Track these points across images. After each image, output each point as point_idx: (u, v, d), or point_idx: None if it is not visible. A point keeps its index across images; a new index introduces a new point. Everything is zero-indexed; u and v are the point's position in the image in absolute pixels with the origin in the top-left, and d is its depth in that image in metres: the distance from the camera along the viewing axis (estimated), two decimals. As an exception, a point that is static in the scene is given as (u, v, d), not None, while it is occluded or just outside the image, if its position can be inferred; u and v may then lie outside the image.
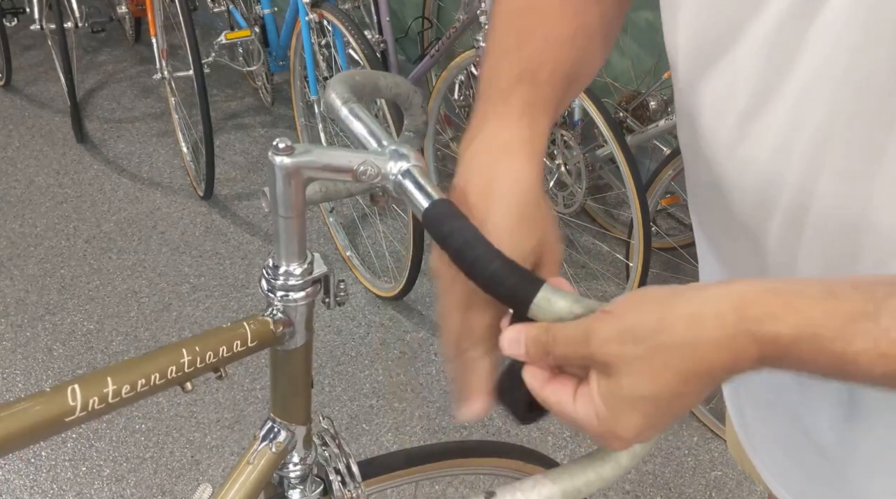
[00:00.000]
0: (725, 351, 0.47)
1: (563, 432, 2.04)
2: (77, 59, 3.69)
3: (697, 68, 0.61)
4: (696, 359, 0.47)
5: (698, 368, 0.47)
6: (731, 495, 1.90)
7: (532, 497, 0.54)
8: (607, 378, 0.49)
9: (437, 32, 2.92)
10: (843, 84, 0.51)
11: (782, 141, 0.56)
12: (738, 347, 0.46)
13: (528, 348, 0.54)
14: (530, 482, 0.55)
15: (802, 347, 0.45)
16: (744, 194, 0.61)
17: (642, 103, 2.36)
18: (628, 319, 0.49)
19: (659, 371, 0.48)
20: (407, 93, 0.75)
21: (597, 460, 0.56)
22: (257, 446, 0.81)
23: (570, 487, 0.55)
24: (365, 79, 0.71)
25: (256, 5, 2.96)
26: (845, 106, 0.52)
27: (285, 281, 0.70)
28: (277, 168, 0.61)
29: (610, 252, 2.53)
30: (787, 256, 0.60)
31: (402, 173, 0.61)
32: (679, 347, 0.47)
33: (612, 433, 0.50)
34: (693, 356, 0.47)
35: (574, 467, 0.56)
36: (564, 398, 0.52)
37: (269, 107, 3.39)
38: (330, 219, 2.62)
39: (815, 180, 0.55)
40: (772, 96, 0.56)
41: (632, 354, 0.48)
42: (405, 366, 2.25)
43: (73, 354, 2.30)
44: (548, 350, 0.53)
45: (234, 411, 2.12)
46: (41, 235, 2.76)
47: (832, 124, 0.53)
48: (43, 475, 1.97)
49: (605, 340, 0.49)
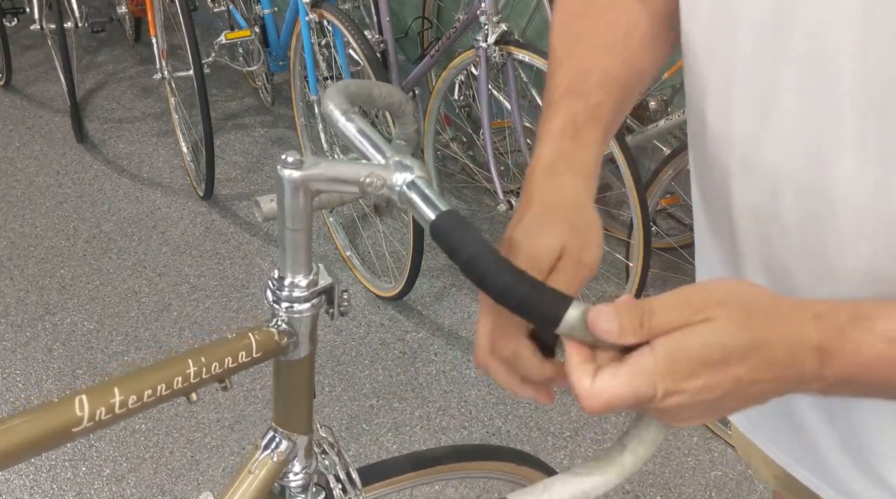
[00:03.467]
0: (794, 329, 0.50)
1: (563, 433, 2.05)
2: (77, 59, 3.69)
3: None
4: (770, 327, 0.50)
5: (768, 338, 0.50)
6: (731, 495, 1.91)
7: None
8: (685, 334, 0.50)
9: (437, 32, 2.92)
10: (854, 74, 0.53)
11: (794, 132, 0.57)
12: (803, 329, 0.50)
13: (621, 322, 0.52)
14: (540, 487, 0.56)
15: (857, 329, 0.49)
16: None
17: (642, 103, 2.36)
18: (726, 287, 0.52)
19: (740, 319, 0.50)
20: (400, 102, 0.76)
21: (602, 463, 0.57)
22: (258, 456, 0.82)
23: (577, 490, 0.56)
24: (359, 88, 0.72)
25: (256, 5, 2.96)
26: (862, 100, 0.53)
27: (290, 293, 0.70)
28: (286, 182, 0.61)
29: (610, 252, 2.53)
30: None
31: (407, 185, 0.61)
32: (765, 311, 0.50)
33: (667, 367, 0.50)
34: (769, 324, 0.50)
35: (581, 471, 0.57)
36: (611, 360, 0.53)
37: (269, 107, 3.39)
38: (330, 219, 2.62)
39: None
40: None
41: (728, 298, 0.50)
42: (405, 366, 2.25)
43: (73, 355, 2.30)
44: (643, 321, 0.51)
45: (234, 411, 2.12)
46: (41, 235, 2.76)
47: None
48: (43, 475, 1.98)
49: (709, 302, 0.50)
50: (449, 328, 2.36)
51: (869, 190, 0.55)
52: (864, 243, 0.58)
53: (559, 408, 2.10)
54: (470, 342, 2.31)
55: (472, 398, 2.15)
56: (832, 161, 0.56)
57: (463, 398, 2.15)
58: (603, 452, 0.57)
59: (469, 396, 2.16)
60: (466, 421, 2.09)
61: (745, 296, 0.51)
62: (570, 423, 2.07)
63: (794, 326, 0.49)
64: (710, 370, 0.49)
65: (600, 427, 2.06)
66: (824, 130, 0.56)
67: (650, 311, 0.51)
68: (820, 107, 0.56)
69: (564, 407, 2.10)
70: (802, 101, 0.57)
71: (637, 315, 0.51)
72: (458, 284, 2.48)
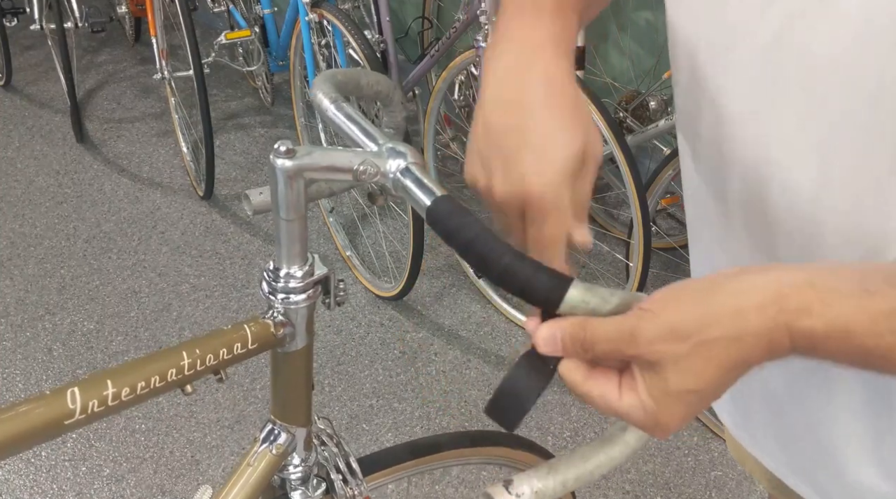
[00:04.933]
0: (764, 341, 0.48)
1: (562, 433, 2.04)
2: (77, 59, 3.69)
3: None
4: (739, 350, 0.48)
5: (740, 358, 0.49)
6: (731, 495, 1.90)
7: (549, 483, 0.55)
8: (654, 375, 0.50)
9: (437, 32, 2.92)
10: (854, 86, 0.52)
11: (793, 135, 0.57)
12: (776, 338, 0.48)
13: (565, 345, 0.54)
14: (545, 469, 0.56)
15: (833, 340, 0.47)
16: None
17: (642, 103, 2.36)
18: (671, 317, 0.50)
19: (704, 367, 0.49)
20: (387, 90, 0.75)
21: (606, 442, 0.57)
22: (258, 449, 0.81)
23: (583, 470, 0.56)
24: (347, 77, 0.71)
25: (256, 5, 2.96)
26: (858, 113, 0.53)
27: (286, 283, 0.70)
28: (279, 171, 0.61)
29: (610, 252, 2.53)
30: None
31: (401, 171, 0.60)
32: (724, 340, 0.48)
33: (657, 424, 0.51)
34: (737, 348, 0.48)
35: (585, 451, 0.57)
36: (609, 391, 0.52)
37: (269, 107, 3.39)
38: (330, 219, 2.62)
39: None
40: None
41: (679, 353, 0.49)
42: (405, 366, 2.25)
43: (73, 355, 2.30)
44: (586, 348, 0.53)
45: (234, 411, 2.12)
46: (41, 235, 2.76)
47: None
48: (43, 475, 1.97)
49: (651, 340, 0.50)
50: (449, 328, 2.35)
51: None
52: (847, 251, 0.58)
53: (559, 408, 2.09)
54: (470, 342, 2.30)
55: (473, 398, 2.14)
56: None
57: (463, 398, 2.15)
58: (606, 432, 0.57)
59: (469, 396, 2.15)
60: (466, 421, 2.09)
61: (695, 324, 0.49)
62: (570, 423, 2.07)
63: (766, 338, 0.48)
64: (691, 413, 0.51)
65: (600, 427, 2.05)
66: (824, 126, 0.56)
67: (592, 339, 0.52)
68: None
69: (564, 407, 2.10)
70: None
71: (579, 344, 0.53)
72: (458, 284, 2.48)
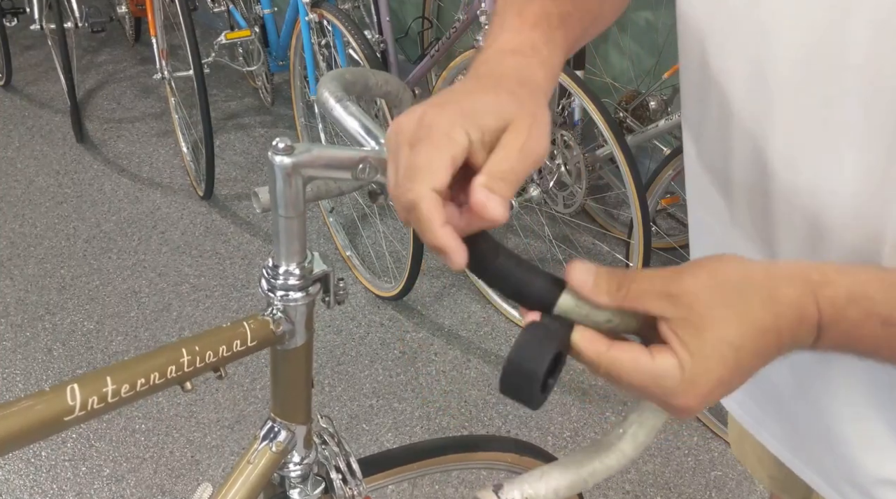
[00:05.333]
0: (795, 310, 0.49)
1: (563, 433, 2.04)
2: (77, 59, 3.69)
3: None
4: (774, 312, 0.49)
5: (774, 323, 0.49)
6: (731, 495, 1.90)
7: (539, 488, 0.54)
8: (691, 327, 0.49)
9: (437, 32, 2.92)
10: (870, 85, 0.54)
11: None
12: (805, 305, 0.49)
13: (598, 277, 0.51)
14: (537, 474, 0.55)
15: (855, 306, 0.48)
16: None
17: (642, 103, 2.36)
18: (717, 274, 0.50)
19: (742, 319, 0.49)
20: (397, 90, 0.75)
21: (602, 449, 0.55)
22: (257, 446, 0.81)
23: (576, 477, 0.55)
24: (355, 77, 0.71)
25: (256, 5, 2.96)
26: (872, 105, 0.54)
27: (285, 281, 0.70)
28: (277, 168, 0.61)
29: (610, 252, 2.53)
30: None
31: None
32: (759, 301, 0.49)
33: (691, 386, 0.49)
34: (772, 309, 0.49)
35: (580, 457, 0.56)
36: (640, 354, 0.50)
37: (269, 107, 3.39)
38: (330, 219, 2.62)
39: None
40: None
41: (720, 301, 0.49)
42: (405, 366, 2.24)
43: (73, 355, 2.30)
44: (622, 282, 0.50)
45: (234, 410, 2.12)
46: (41, 235, 2.76)
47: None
48: (43, 475, 1.97)
49: (694, 284, 0.49)
50: (449, 328, 2.35)
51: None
52: (849, 234, 0.59)
53: (559, 408, 2.09)
54: (470, 342, 2.30)
55: (473, 398, 2.14)
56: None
57: (463, 398, 2.15)
58: (602, 438, 0.56)
59: (469, 396, 2.15)
60: (466, 421, 2.09)
61: (734, 284, 0.50)
62: (570, 423, 2.06)
63: (797, 308, 0.49)
64: (725, 381, 0.50)
65: (600, 427, 2.05)
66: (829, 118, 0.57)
67: (632, 277, 0.51)
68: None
69: (564, 407, 2.10)
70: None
71: (616, 279, 0.51)
72: (458, 284, 2.48)
